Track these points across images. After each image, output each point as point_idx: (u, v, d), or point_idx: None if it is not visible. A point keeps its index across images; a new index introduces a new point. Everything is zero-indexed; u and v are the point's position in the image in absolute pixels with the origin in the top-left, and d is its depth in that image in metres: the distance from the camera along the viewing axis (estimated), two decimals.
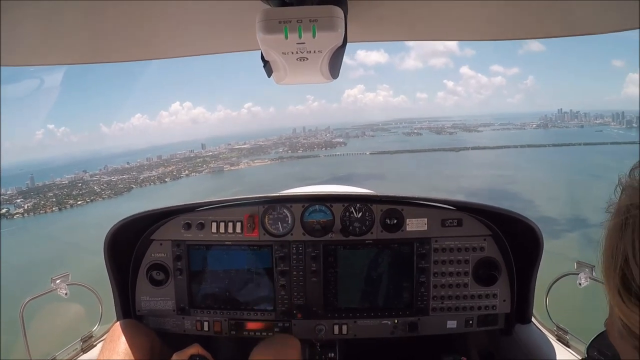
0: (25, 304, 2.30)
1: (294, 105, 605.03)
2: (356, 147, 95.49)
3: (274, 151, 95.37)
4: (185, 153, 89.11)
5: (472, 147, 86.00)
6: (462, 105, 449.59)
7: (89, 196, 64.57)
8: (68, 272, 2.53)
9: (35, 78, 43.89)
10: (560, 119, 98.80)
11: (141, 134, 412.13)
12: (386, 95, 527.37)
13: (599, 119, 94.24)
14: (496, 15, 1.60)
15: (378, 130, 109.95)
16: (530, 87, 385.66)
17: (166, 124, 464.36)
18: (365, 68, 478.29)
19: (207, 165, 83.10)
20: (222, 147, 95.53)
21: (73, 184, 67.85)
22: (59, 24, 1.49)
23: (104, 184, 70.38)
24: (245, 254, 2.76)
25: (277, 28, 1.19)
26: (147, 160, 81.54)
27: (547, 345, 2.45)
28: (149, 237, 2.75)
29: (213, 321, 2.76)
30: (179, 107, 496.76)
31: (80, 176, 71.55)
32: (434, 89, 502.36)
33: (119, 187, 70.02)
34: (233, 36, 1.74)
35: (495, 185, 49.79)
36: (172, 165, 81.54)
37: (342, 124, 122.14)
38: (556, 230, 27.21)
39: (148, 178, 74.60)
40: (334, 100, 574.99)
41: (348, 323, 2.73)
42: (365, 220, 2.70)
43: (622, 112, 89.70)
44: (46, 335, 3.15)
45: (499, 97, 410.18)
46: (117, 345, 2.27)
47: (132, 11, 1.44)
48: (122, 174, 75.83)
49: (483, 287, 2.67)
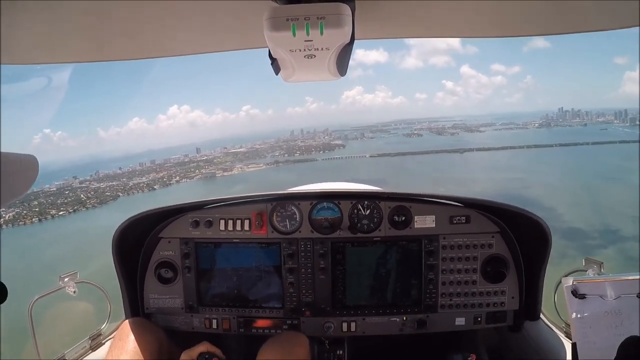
0: (34, 302, 2.30)
1: (292, 107, 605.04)
2: (355, 149, 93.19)
3: (270, 155, 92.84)
4: (180, 157, 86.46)
5: (477, 149, 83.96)
6: (461, 105, 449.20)
7: (73, 205, 61.26)
8: (76, 270, 2.53)
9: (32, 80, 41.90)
10: (561, 118, 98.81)
11: (139, 138, 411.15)
12: (385, 97, 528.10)
13: (601, 117, 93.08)
14: (503, 12, 1.58)
15: (377, 131, 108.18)
16: (530, 86, 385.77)
17: (164, 127, 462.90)
18: (364, 68, 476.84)
19: (199, 170, 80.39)
20: (217, 150, 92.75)
21: (60, 192, 64.52)
22: (63, 20, 1.46)
23: (91, 192, 67.03)
24: (253, 251, 2.77)
25: (285, 25, 1.19)
26: (140, 166, 78.97)
27: (556, 342, 2.45)
28: (157, 235, 2.76)
29: (222, 319, 2.78)
30: (176, 111, 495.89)
31: (69, 183, 68.20)
32: (433, 89, 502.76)
33: (106, 195, 66.72)
34: (240, 34, 1.72)
35: (510, 189, 47.06)
36: (164, 170, 78.80)
37: (341, 126, 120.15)
38: (590, 246, 24.52)
39: (137, 185, 71.72)
40: (332, 102, 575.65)
41: (356, 320, 2.74)
42: (374, 218, 2.71)
43: (625, 109, 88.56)
44: (55, 333, 3.18)
45: (498, 97, 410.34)
46: (126, 344, 2.28)
47: (139, 9, 1.43)
48: (112, 180, 72.89)
49: (491, 284, 2.67)
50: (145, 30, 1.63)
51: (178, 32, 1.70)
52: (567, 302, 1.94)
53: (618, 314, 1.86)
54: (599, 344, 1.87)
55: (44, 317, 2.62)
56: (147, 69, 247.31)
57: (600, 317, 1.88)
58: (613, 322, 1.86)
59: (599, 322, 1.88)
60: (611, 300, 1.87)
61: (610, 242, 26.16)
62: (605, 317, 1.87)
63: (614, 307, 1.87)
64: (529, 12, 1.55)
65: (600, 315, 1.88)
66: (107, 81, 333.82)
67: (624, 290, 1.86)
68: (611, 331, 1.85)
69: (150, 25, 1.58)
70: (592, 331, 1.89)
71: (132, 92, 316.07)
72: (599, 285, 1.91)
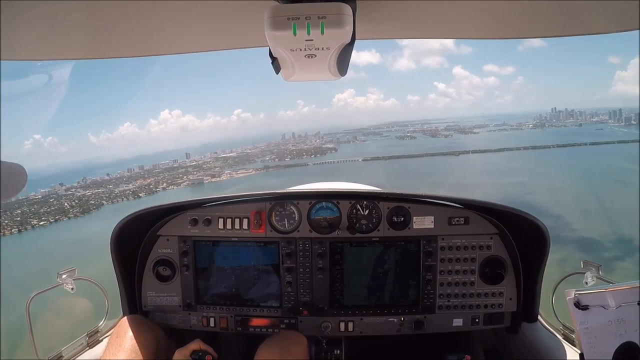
0: (32, 299, 2.30)
1: (284, 111, 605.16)
2: (347, 153, 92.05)
3: (260, 159, 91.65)
4: (169, 163, 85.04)
5: (473, 151, 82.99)
6: (453, 107, 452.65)
7: (55, 215, 59.27)
8: (74, 267, 2.52)
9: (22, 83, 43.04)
10: (555, 118, 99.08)
11: (130, 143, 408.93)
12: (377, 99, 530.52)
13: (595, 117, 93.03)
14: (505, 14, 1.58)
15: (370, 134, 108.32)
16: (522, 87, 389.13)
17: (155, 132, 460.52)
18: (356, 69, 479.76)
19: (187, 177, 78.41)
20: (207, 156, 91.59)
21: (45, 200, 62.80)
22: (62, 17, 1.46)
23: (75, 200, 65.45)
24: (251, 250, 2.77)
25: (286, 25, 1.20)
26: (128, 172, 77.63)
27: (554, 344, 2.45)
28: (156, 233, 2.76)
29: (219, 317, 2.78)
30: (168, 115, 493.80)
31: (55, 190, 66.74)
32: (426, 91, 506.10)
33: (90, 204, 64.89)
34: (241, 33, 1.72)
35: (514, 196, 45.26)
36: (152, 177, 77.40)
37: (333, 129, 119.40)
38: (607, 259, 22.93)
39: (123, 192, 70.16)
40: (324, 105, 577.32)
41: (354, 320, 2.75)
42: (372, 218, 2.71)
43: (620, 109, 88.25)
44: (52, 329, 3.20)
45: (490, 98, 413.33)
46: (124, 341, 2.28)
47: (137, 7, 1.43)
48: (98, 187, 71.55)
49: (489, 286, 2.68)
50: (146, 28, 1.63)
51: (179, 31, 1.70)
52: (572, 314, 1.94)
53: (621, 323, 1.87)
54: (605, 353, 1.87)
55: (42, 313, 2.72)
56: (140, 73, 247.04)
57: (604, 326, 1.88)
58: (617, 330, 1.87)
59: (603, 332, 1.88)
60: (613, 310, 1.88)
61: (627, 253, 24.09)
62: (610, 326, 1.88)
63: (616, 316, 1.88)
64: (529, 14, 1.55)
65: (604, 325, 1.88)
66: (98, 86, 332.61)
67: (625, 299, 1.87)
68: (616, 340, 1.86)
69: (151, 23, 1.58)
70: (597, 341, 1.90)
71: (123, 97, 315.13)
72: (600, 295, 1.91)
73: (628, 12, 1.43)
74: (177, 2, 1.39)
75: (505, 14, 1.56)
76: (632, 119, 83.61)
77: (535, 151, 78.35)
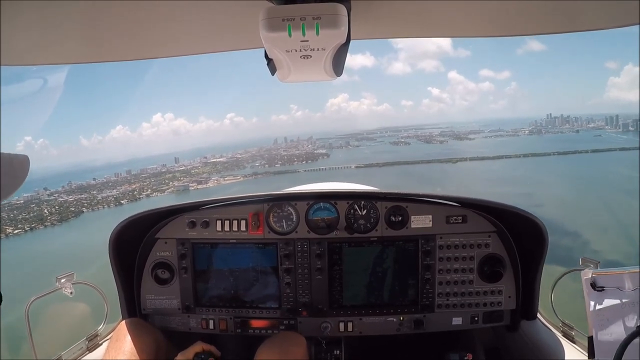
0: (31, 303, 2.28)
1: (277, 115, 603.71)
2: (340, 159, 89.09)
3: (250, 165, 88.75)
4: (157, 168, 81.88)
5: (471, 158, 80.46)
6: (447, 112, 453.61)
7: (31, 223, 56.00)
8: (73, 272, 2.49)
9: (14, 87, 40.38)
10: (551, 124, 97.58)
11: (122, 146, 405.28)
12: (370, 104, 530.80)
13: (591, 123, 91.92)
14: (500, 11, 1.59)
15: (363, 139, 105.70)
16: (516, 92, 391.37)
17: (148, 135, 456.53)
18: (350, 73, 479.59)
19: (172, 183, 75.24)
20: (196, 160, 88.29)
21: (27, 205, 59.43)
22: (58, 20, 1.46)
23: (56, 206, 62.29)
24: (250, 252, 2.75)
25: (281, 26, 1.20)
26: (115, 176, 75.03)
27: (553, 341, 2.45)
28: (154, 236, 2.75)
29: (218, 319, 2.77)
30: (160, 119, 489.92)
31: (39, 195, 63.14)
32: (419, 96, 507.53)
33: (69, 211, 61.86)
34: (236, 34, 1.72)
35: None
36: (138, 182, 74.71)
37: (326, 134, 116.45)
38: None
39: (105, 199, 67.21)
40: (317, 109, 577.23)
41: (353, 320, 2.73)
42: (370, 218, 2.70)
43: (616, 115, 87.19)
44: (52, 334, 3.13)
45: (484, 104, 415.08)
46: (123, 345, 2.27)
47: (134, 10, 1.43)
48: (82, 192, 68.72)
49: (488, 284, 2.67)
50: (141, 32, 1.62)
51: (173, 33, 1.69)
52: (586, 294, 1.92)
53: (635, 305, 1.86)
54: (615, 336, 1.86)
55: (41, 318, 2.66)
56: (132, 76, 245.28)
57: (618, 309, 1.87)
58: (630, 314, 1.86)
59: (616, 314, 1.87)
60: (629, 292, 1.86)
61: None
62: (623, 308, 1.86)
63: (632, 299, 1.86)
64: (525, 11, 1.55)
65: (618, 307, 1.87)
66: (90, 88, 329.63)
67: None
68: (628, 323, 1.85)
69: (146, 27, 1.57)
70: (609, 323, 1.88)
71: (116, 100, 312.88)
72: (618, 277, 1.89)
73: (627, 7, 1.42)
74: (170, 4, 1.38)
75: (502, 11, 1.55)
76: (630, 125, 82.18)
77: (535, 159, 76.23)
